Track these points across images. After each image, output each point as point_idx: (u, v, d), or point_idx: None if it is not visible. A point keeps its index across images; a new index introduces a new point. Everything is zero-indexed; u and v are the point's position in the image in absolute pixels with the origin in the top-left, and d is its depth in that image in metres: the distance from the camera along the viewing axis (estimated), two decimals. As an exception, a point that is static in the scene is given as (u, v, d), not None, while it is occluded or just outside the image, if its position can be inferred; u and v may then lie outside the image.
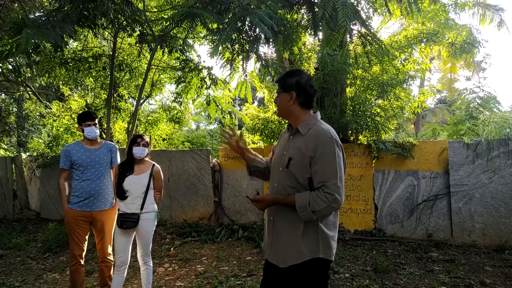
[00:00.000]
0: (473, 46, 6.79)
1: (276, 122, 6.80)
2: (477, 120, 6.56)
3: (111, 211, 3.66)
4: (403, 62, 6.03)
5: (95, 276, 4.52)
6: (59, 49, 4.33)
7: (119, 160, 3.84)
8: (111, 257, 3.70)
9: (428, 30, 6.14)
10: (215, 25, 4.77)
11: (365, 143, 6.46)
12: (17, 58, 4.60)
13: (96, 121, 3.63)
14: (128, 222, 3.22)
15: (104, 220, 3.57)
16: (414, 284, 4.09)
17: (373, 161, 6.30)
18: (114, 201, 3.71)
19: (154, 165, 3.49)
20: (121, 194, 3.30)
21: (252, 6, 3.23)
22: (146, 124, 8.33)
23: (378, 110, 6.28)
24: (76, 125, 3.69)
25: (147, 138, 3.48)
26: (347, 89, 6.92)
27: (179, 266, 4.89)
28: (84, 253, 3.56)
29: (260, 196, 2.03)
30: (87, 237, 3.58)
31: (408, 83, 6.36)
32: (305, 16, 5.48)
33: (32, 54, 4.49)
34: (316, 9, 3.97)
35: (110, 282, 3.66)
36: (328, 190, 1.82)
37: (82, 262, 3.56)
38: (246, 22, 3.70)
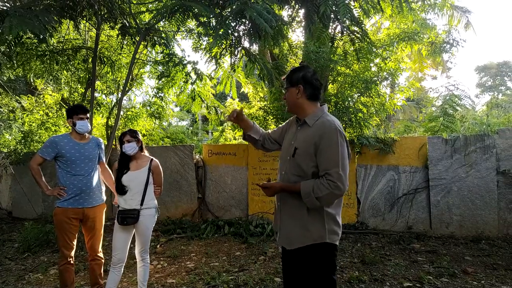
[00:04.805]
0: (452, 46, 7.08)
1: (261, 118, 6.82)
2: (451, 117, 6.84)
3: (102, 207, 3.58)
4: (385, 60, 6.20)
5: (81, 275, 4.38)
6: (42, 40, 4.13)
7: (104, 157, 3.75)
8: (101, 255, 3.60)
9: (409, 29, 6.35)
10: (204, 19, 4.71)
11: (348, 139, 6.58)
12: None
13: (88, 114, 3.51)
14: (128, 218, 3.15)
15: (96, 217, 3.47)
16: (401, 275, 4.24)
17: (356, 156, 6.44)
18: (104, 197, 3.62)
19: (152, 159, 3.42)
20: (120, 189, 3.23)
21: (252, 0, 3.22)
22: (126, 119, 8.12)
23: (361, 107, 6.43)
24: (64, 119, 3.55)
25: (137, 134, 3.38)
26: (329, 86, 7.03)
27: (168, 263, 4.82)
28: (73, 252, 3.44)
29: (269, 183, 2.14)
30: (76, 235, 3.47)
31: (389, 80, 6.56)
32: (292, 13, 5.52)
33: (12, 45, 4.26)
34: (310, 6, 4.00)
35: (101, 281, 3.57)
36: (330, 178, 1.91)
37: (72, 262, 3.44)
38: (242, 17, 3.67)
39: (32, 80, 8.00)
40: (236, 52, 5.09)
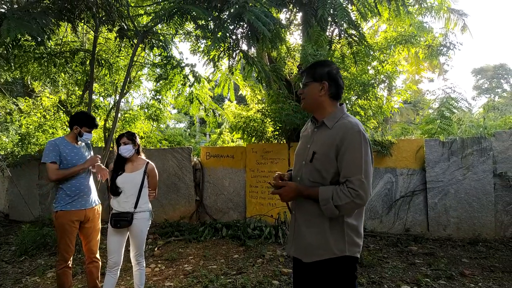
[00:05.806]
0: (449, 48, 7.12)
1: (259, 120, 6.82)
2: (448, 119, 6.87)
3: (98, 208, 3.60)
4: (382, 63, 6.23)
5: (78, 279, 4.37)
6: (40, 43, 4.13)
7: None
8: (99, 256, 3.60)
9: (406, 33, 6.40)
10: (202, 22, 4.72)
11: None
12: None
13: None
14: (122, 221, 3.15)
15: (95, 217, 3.50)
16: (399, 277, 4.25)
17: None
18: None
19: (148, 162, 3.43)
20: (114, 190, 3.23)
21: (250, 4, 3.24)
22: (123, 121, 8.11)
23: (358, 110, 6.45)
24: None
25: (134, 137, 3.38)
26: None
27: (165, 266, 4.81)
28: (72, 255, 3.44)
29: (283, 182, 1.95)
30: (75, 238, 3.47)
31: (386, 83, 6.60)
32: (290, 16, 5.54)
33: (10, 48, 4.26)
34: (307, 10, 4.03)
35: (99, 284, 3.56)
36: (351, 186, 1.76)
37: (70, 265, 3.44)
38: (241, 20, 3.69)
39: (29, 83, 7.99)
40: (234, 55, 5.10)
